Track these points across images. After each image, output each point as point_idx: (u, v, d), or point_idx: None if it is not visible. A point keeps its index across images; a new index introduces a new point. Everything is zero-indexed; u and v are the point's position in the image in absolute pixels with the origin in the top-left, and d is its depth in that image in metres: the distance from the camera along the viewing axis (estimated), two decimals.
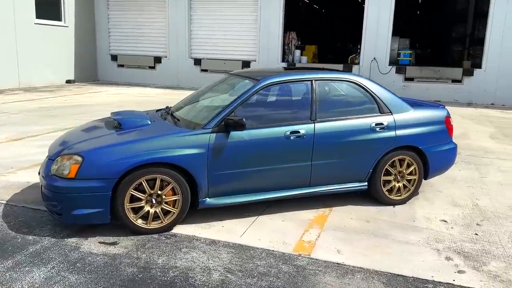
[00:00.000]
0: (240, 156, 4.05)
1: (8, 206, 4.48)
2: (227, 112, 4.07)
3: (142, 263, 3.42)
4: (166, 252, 3.60)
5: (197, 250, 3.65)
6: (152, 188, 3.84)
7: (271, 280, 3.22)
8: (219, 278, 3.23)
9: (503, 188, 5.49)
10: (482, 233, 4.16)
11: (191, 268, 3.36)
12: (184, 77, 17.14)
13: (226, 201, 4.13)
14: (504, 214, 4.62)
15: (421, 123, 4.72)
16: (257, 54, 16.15)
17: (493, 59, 13.69)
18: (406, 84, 14.61)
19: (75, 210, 3.71)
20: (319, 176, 4.39)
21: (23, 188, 5.01)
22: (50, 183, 3.75)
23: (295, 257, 3.58)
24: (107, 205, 3.72)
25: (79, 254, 3.54)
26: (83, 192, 3.67)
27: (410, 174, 4.75)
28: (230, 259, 3.51)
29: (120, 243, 3.75)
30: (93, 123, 4.82)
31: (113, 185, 3.69)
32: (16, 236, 3.82)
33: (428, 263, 3.56)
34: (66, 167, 3.73)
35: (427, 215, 4.56)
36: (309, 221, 4.30)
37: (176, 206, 3.94)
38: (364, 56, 14.84)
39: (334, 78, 4.61)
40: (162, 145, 3.83)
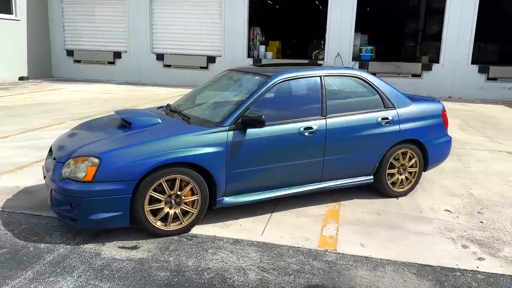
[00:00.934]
0: (257, 153, 4.01)
1: (5, 213, 4.20)
2: (242, 109, 4.01)
3: (172, 266, 3.32)
4: (193, 254, 3.52)
5: (223, 250, 3.59)
6: (171, 189, 3.73)
7: (308, 277, 3.22)
8: (256, 277, 3.19)
9: (488, 177, 5.79)
10: (486, 221, 4.37)
11: (224, 269, 3.30)
12: (146, 73, 16.71)
13: (243, 199, 4.08)
14: (499, 202, 4.88)
15: (421, 117, 4.87)
16: (223, 50, 16.03)
17: (450, 54, 14.36)
18: None
19: (92, 214, 3.53)
20: (330, 171, 4.44)
21: (14, 194, 4.71)
22: (63, 187, 3.55)
23: (322, 253, 3.60)
24: (126, 208, 3.58)
25: (102, 260, 3.38)
26: (102, 195, 3.50)
27: (412, 167, 4.91)
28: (260, 258, 3.48)
29: (141, 246, 3.62)
30: (95, 123, 4.61)
31: (134, 187, 3.55)
32: (27, 245, 3.59)
33: (448, 252, 3.69)
34: (82, 169, 3.55)
35: (431, 205, 4.72)
36: (323, 216, 4.34)
37: (195, 207, 3.85)
38: (328, 52, 15.11)
39: (340, 73, 4.66)
40: (181, 145, 3.73)
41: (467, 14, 14.02)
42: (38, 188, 4.87)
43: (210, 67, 16.22)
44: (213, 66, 16.17)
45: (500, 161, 6.60)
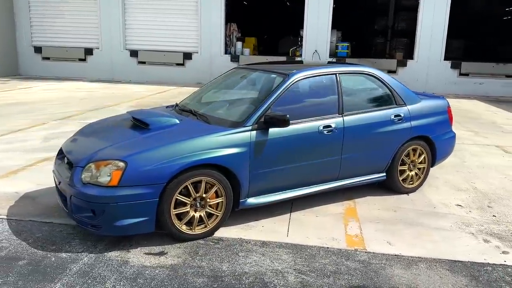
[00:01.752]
0: (278, 153, 3.95)
1: (12, 221, 3.96)
2: (263, 108, 3.93)
3: (207, 272, 3.21)
4: (225, 258, 3.42)
5: (254, 253, 3.51)
6: (197, 192, 3.61)
7: (347, 278, 3.20)
8: (296, 280, 3.14)
9: (486, 171, 5.95)
10: (498, 214, 4.48)
11: (261, 272, 3.23)
12: (119, 70, 16.26)
13: (265, 200, 4.02)
14: (504, 196, 5.02)
15: (429, 114, 4.94)
16: (199, 46, 15.81)
17: (423, 51, 14.71)
18: None
19: (117, 221, 3.37)
20: (347, 169, 4.43)
21: (16, 200, 4.45)
22: (84, 193, 3.37)
23: (353, 253, 3.59)
24: (153, 212, 3.44)
25: (132, 268, 3.23)
26: (128, 200, 3.35)
27: (421, 163, 4.97)
28: (293, 260, 3.42)
29: (169, 252, 3.49)
30: (105, 124, 4.41)
31: (161, 191, 3.41)
32: (46, 255, 3.39)
33: (472, 247, 3.76)
34: (105, 174, 3.38)
35: (442, 201, 4.80)
36: (342, 215, 4.33)
37: (219, 209, 3.76)
38: (306, 49, 15.16)
39: (354, 71, 4.66)
40: (206, 146, 3.62)
41: (439, 13, 14.38)
42: (40, 193, 4.63)
43: (187, 64, 15.98)
44: (189, 62, 15.94)
45: (492, 155, 6.80)
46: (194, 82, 15.85)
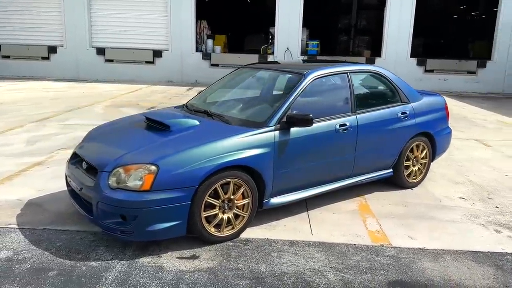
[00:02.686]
0: (299, 152, 3.98)
1: (26, 230, 3.78)
2: (284, 108, 3.95)
3: (247, 273, 3.21)
4: (259, 258, 3.42)
5: (286, 253, 3.53)
6: (225, 194, 3.59)
7: (383, 274, 3.28)
8: (336, 278, 3.19)
9: (474, 164, 6.23)
10: (500, 205, 4.71)
11: (300, 272, 3.25)
12: (85, 68, 15.73)
13: (286, 199, 4.04)
14: (498, 187, 5.28)
15: (430, 110, 5.12)
16: (169, 43, 15.55)
17: (391, 48, 15.15)
18: None
19: (150, 225, 3.30)
20: (359, 167, 4.53)
21: (21, 208, 4.26)
22: (114, 198, 3.27)
23: (380, 248, 3.68)
24: (185, 216, 3.39)
25: (170, 274, 3.17)
26: (161, 204, 3.28)
27: (423, 158, 5.14)
28: (326, 258, 3.47)
29: (201, 255, 3.45)
30: (118, 126, 4.29)
31: (193, 194, 3.37)
32: (75, 264, 3.27)
33: (487, 237, 3.94)
34: (136, 178, 3.29)
35: (444, 194, 5.00)
36: (357, 212, 4.42)
37: (246, 210, 3.75)
38: (278, 47, 15.25)
39: (362, 69, 4.76)
40: (234, 147, 3.60)
41: (406, 12, 14.85)
42: (44, 200, 4.45)
43: (157, 62, 15.70)
44: (159, 60, 15.66)
45: (475, 149, 7.13)
46: (165, 81, 15.61)
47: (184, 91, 13.52)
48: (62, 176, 5.08)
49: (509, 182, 5.49)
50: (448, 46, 20.32)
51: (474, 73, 15.27)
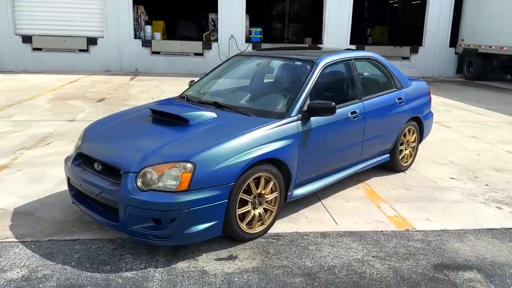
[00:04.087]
0: (318, 141, 3.91)
1: (30, 243, 3.35)
2: (303, 97, 3.84)
3: (296, 270, 3.09)
4: (300, 253, 3.32)
5: (323, 245, 3.47)
6: (257, 188, 3.43)
7: (424, 258, 3.33)
8: (384, 267, 3.18)
9: (446, 145, 6.56)
10: (488, 183, 5.00)
11: (347, 263, 3.20)
12: (9, 57, 14.37)
13: (306, 190, 3.96)
14: (478, 166, 5.61)
15: (419, 95, 5.28)
16: (105, 30, 14.65)
17: (331, 36, 15.50)
18: None
19: (188, 228, 3.06)
20: (365, 153, 4.56)
21: (10, 218, 3.78)
22: (148, 201, 2.99)
23: (407, 233, 3.73)
24: (222, 215, 3.19)
25: (217, 277, 2.97)
26: (199, 205, 3.05)
27: (413, 142, 5.31)
28: (364, 247, 3.46)
29: (238, 255, 3.28)
30: (125, 121, 3.90)
31: (230, 191, 3.17)
32: (108, 277, 2.95)
33: (493, 215, 4.16)
34: (172, 177, 3.02)
35: (436, 175, 5.21)
36: (368, 198, 4.46)
37: (274, 204, 3.62)
38: (222, 34, 14.97)
39: (362, 56, 4.77)
40: (262, 139, 3.43)
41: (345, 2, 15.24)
42: (34, 208, 4.00)
43: (92, 50, 14.75)
44: (95, 48, 14.73)
45: (440, 131, 7.50)
46: (102, 70, 14.74)
47: (128, 81, 12.85)
48: (41, 179, 4.61)
49: (484, 161, 5.84)
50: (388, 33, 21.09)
51: (408, 59, 16.10)
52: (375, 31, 21.30)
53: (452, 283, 3.00)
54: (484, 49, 14.51)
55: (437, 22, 15.91)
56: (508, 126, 8.15)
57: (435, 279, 3.04)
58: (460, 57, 15.87)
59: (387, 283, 2.97)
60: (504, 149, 6.47)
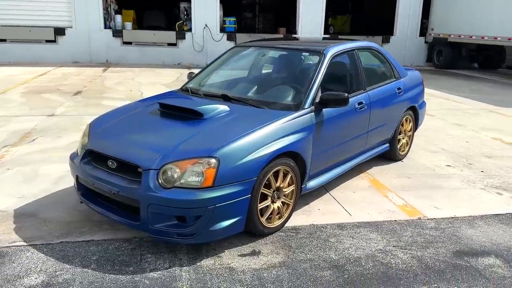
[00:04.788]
0: (329, 132, 3.90)
1: (41, 246, 3.19)
2: (315, 89, 3.81)
3: (323, 263, 3.08)
4: (322, 246, 3.31)
5: (342, 237, 3.47)
6: (276, 182, 3.39)
7: (442, 246, 3.38)
8: (407, 256, 3.21)
9: (434, 133, 6.71)
10: (483, 170, 5.14)
11: (371, 255, 3.22)
12: None
13: (318, 182, 3.95)
14: (470, 153, 5.76)
15: (414, 85, 5.35)
16: (73, 19, 14.11)
17: (306, 25, 15.53)
18: None
19: (213, 225, 2.99)
20: (370, 143, 4.59)
21: (12, 221, 3.58)
22: (172, 199, 2.89)
23: (420, 222, 3.79)
24: (245, 210, 3.13)
25: (246, 274, 2.92)
26: (224, 201, 2.97)
27: (409, 131, 5.39)
28: (382, 237, 3.48)
29: (261, 250, 3.23)
30: (133, 115, 3.76)
31: (253, 186, 3.11)
32: (133, 279, 2.84)
33: (496, 201, 4.28)
34: (194, 174, 2.93)
35: (432, 163, 5.31)
36: (373, 188, 4.49)
37: (291, 198, 3.58)
38: (196, 24, 14.71)
39: (363, 46, 4.76)
40: (280, 132, 3.38)
41: None
42: (35, 208, 3.81)
43: (60, 41, 14.19)
44: (63, 39, 14.17)
45: None
46: (71, 61, 14.25)
47: (100, 72, 12.46)
48: (34, 178, 4.41)
49: (474, 148, 6.01)
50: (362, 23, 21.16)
51: None
52: (336, 20, 21.27)
53: (475, 269, 3.06)
54: (453, 38, 14.90)
55: (408, 12, 16.20)
56: (486, 114, 8.42)
57: (458, 266, 3.09)
58: (430, 46, 16.25)
59: (414, 272, 3.00)
60: (488, 136, 6.67)
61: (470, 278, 2.96)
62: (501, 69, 16.23)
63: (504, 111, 8.70)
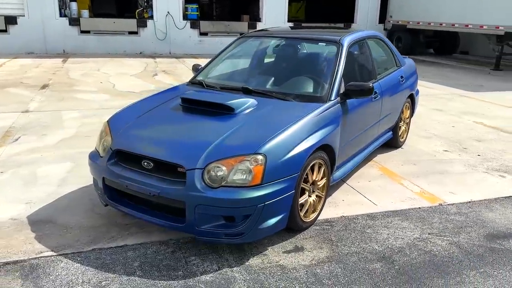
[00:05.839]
0: (354, 123, 3.90)
1: (73, 255, 2.98)
2: (339, 79, 3.78)
3: (370, 255, 3.08)
4: (362, 238, 3.31)
5: (377, 227, 3.49)
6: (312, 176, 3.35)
7: (471, 231, 3.48)
8: (445, 243, 3.28)
9: (420, 119, 6.88)
10: (480, 154, 5.34)
11: (413, 244, 3.26)
12: None
13: (343, 171, 3.95)
14: (460, 138, 5.98)
15: (411, 73, 5.46)
16: (26, 7, 13.24)
17: (270, 13, 15.45)
18: (202, 38, 14.95)
19: (262, 223, 2.91)
20: (379, 131, 4.65)
21: (29, 229, 3.33)
22: (223, 199, 2.77)
23: (442, 208, 3.88)
24: (289, 207, 3.07)
25: (300, 271, 2.87)
26: (273, 198, 2.90)
27: (407, 118, 5.50)
28: (415, 226, 3.53)
29: (304, 245, 3.19)
30: (152, 111, 3.55)
31: (296, 181, 3.05)
32: (188, 283, 2.72)
33: (502, 183, 4.47)
34: (242, 172, 2.82)
35: (431, 148, 5.46)
36: (386, 176, 4.55)
37: (323, 190, 3.55)
38: (158, 11, 14.24)
39: (370, 35, 4.76)
40: (315, 125, 3.32)
41: None
42: (48, 213, 3.57)
43: (11, 30, 13.33)
44: (14, 28, 13.32)
45: None
46: (24, 52, 13.44)
47: (61, 64, 11.82)
48: (35, 181, 4.17)
49: (462, 132, 6.25)
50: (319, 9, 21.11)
51: None
52: (291, 7, 21.25)
53: (511, 252, 3.17)
54: (412, 25, 15.37)
55: (367, 0, 16.49)
56: (459, 98, 8.77)
57: (494, 250, 3.20)
58: (389, 33, 16.66)
59: (458, 258, 3.07)
60: (470, 120, 6.95)
61: (510, 260, 3.06)
62: (455, 54, 16.96)
63: (473, 95, 9.10)
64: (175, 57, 14.14)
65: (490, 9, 12.33)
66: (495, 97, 8.91)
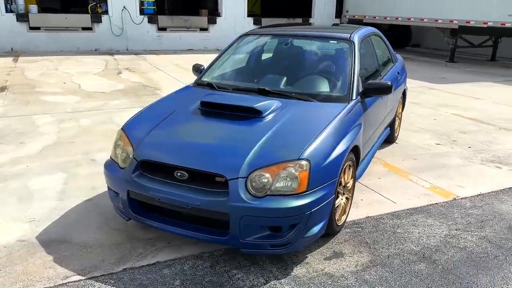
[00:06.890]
0: (370, 120, 3.86)
1: (104, 278, 2.74)
2: (357, 78, 3.72)
3: (411, 257, 3.06)
4: (395, 239, 3.28)
5: (405, 226, 3.48)
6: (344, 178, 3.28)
7: (492, 223, 3.56)
8: (474, 238, 3.32)
9: None
10: (470, 146, 5.50)
11: (444, 241, 3.27)
12: None
13: (360, 171, 3.88)
14: (446, 131, 6.14)
15: (403, 69, 5.52)
16: None
17: (229, 9, 15.23)
18: (160, 34, 14.49)
19: (307, 232, 2.80)
20: (384, 128, 4.65)
21: (44, 250, 3.03)
22: (270, 208, 2.63)
23: (457, 202, 3.94)
24: (329, 212, 2.97)
25: (348, 279, 2.79)
26: (318, 205, 2.79)
27: (400, 113, 5.57)
28: (440, 222, 3.56)
29: (342, 250, 3.12)
30: (171, 116, 3.31)
31: (335, 186, 2.96)
32: None
33: (501, 175, 4.62)
34: (286, 179, 2.69)
35: (424, 142, 5.57)
36: (393, 172, 4.57)
37: (350, 191, 3.50)
38: (113, 5, 13.62)
39: (371, 32, 4.74)
40: (344, 127, 3.24)
41: None
42: (57, 232, 3.28)
43: None
44: None
45: None
46: None
47: (12, 63, 11.05)
48: (30, 196, 3.86)
49: (445, 125, 6.43)
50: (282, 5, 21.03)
51: None
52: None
53: None
54: (368, 19, 15.69)
55: None
56: (429, 91, 9.05)
57: None
58: None
59: (493, 253, 3.11)
60: (448, 112, 7.18)
61: None
62: (407, 47, 17.55)
63: (441, 87, 9.42)
64: (133, 53, 13.61)
65: (445, 3, 12.81)
66: (462, 89, 9.27)
